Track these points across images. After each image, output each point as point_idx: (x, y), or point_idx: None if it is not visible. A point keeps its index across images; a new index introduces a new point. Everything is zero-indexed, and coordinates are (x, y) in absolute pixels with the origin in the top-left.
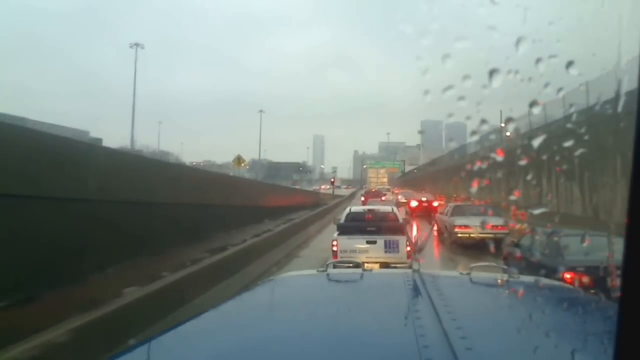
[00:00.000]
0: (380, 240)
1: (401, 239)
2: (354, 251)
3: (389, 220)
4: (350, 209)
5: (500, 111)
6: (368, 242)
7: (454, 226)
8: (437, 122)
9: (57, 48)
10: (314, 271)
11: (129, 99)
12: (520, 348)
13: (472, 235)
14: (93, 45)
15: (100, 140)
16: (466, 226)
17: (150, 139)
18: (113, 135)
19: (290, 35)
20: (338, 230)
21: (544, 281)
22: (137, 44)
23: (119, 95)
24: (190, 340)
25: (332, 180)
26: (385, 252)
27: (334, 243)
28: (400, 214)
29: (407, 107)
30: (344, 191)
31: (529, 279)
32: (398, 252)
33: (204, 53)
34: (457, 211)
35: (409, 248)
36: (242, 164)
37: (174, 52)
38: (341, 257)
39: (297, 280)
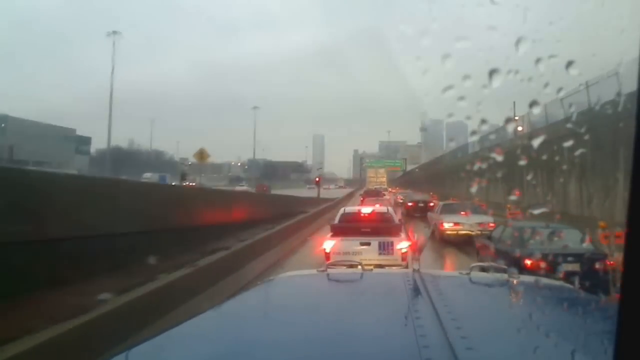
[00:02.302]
0: (374, 242)
1: (396, 241)
2: (347, 253)
3: (384, 221)
4: (344, 210)
5: (514, 102)
6: (362, 244)
7: (443, 223)
8: (438, 121)
9: (47, 44)
10: (314, 271)
11: (122, 96)
12: (520, 348)
13: (459, 232)
14: (85, 41)
15: (89, 139)
16: (455, 223)
17: (149, 138)
18: (103, 132)
19: (291, 34)
20: (331, 231)
21: (544, 281)
22: (114, 32)
23: (114, 91)
24: (190, 340)
25: (317, 179)
26: (380, 253)
27: (325, 246)
28: (397, 215)
29: (407, 107)
30: (339, 192)
31: (529, 279)
32: (392, 253)
33: (203, 51)
34: (446, 209)
35: (404, 250)
36: (206, 159)
37: (172, 51)
38: (333, 260)
39: (297, 280)
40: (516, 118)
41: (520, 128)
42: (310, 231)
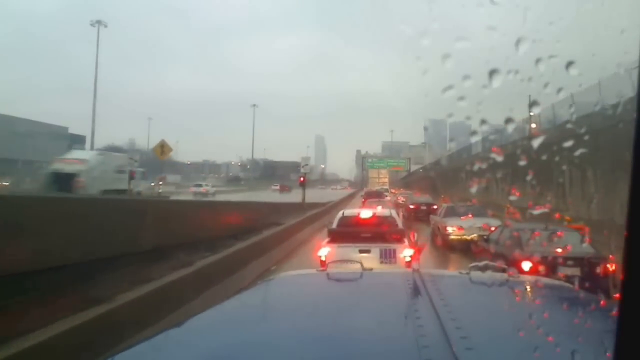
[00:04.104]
0: (375, 249)
1: (399, 248)
2: (344, 261)
3: (387, 226)
4: (343, 213)
5: (529, 96)
6: (361, 251)
7: (446, 227)
8: (440, 121)
9: (42, 43)
10: (314, 270)
11: (126, 96)
12: (520, 348)
13: (464, 236)
14: (81, 41)
15: (83, 137)
16: (459, 227)
17: (151, 137)
18: (103, 133)
19: (292, 35)
20: (328, 237)
21: (544, 281)
22: (99, 22)
23: (112, 93)
24: (190, 340)
25: (301, 179)
26: (381, 262)
27: (321, 253)
28: (400, 219)
29: (409, 107)
30: (340, 193)
31: (529, 278)
32: (395, 262)
33: (202, 51)
34: (450, 212)
35: (408, 258)
36: (168, 153)
37: (171, 51)
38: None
39: (297, 279)
40: (531, 114)
41: (534, 125)
42: (276, 259)
